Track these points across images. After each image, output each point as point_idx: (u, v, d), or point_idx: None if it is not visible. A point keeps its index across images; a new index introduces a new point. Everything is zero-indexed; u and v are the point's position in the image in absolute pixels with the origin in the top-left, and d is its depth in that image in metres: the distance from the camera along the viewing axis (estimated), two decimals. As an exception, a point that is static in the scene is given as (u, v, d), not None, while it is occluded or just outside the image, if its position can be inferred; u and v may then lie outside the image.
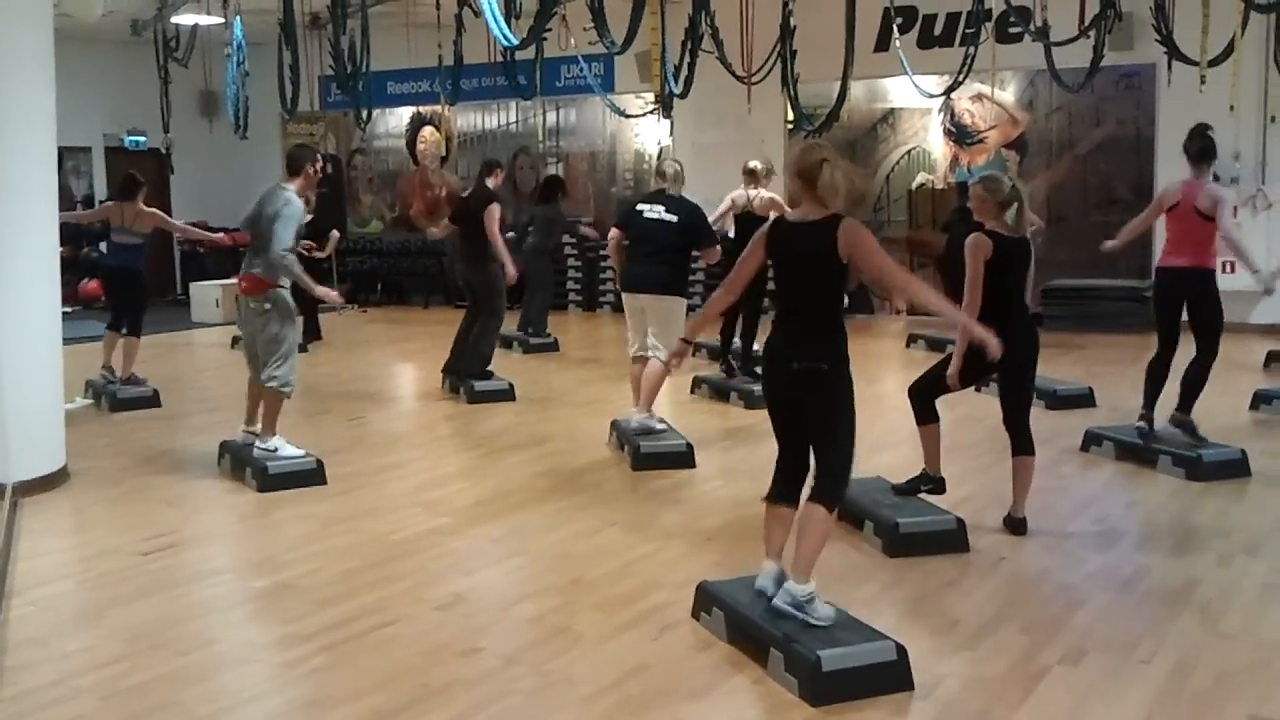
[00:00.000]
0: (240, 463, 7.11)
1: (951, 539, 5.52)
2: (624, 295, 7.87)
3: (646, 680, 4.20)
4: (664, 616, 4.77)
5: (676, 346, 5.07)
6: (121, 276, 9.88)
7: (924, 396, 6.07)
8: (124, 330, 9.77)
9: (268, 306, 6.97)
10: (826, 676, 3.96)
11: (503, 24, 6.35)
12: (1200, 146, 7.06)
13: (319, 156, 7.44)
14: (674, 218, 7.68)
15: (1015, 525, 5.87)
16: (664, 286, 7.60)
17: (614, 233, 7.99)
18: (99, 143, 17.51)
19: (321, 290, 7.65)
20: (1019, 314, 5.82)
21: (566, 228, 13.72)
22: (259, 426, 7.20)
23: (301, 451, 7.13)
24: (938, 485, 6.08)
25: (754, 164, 9.58)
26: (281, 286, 7.02)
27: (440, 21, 10.15)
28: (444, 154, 16.81)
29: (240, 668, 4.48)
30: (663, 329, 7.49)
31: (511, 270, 9.76)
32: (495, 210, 9.61)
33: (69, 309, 12.03)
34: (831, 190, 4.31)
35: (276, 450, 7.06)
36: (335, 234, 11.24)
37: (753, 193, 9.46)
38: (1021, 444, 5.89)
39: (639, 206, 7.87)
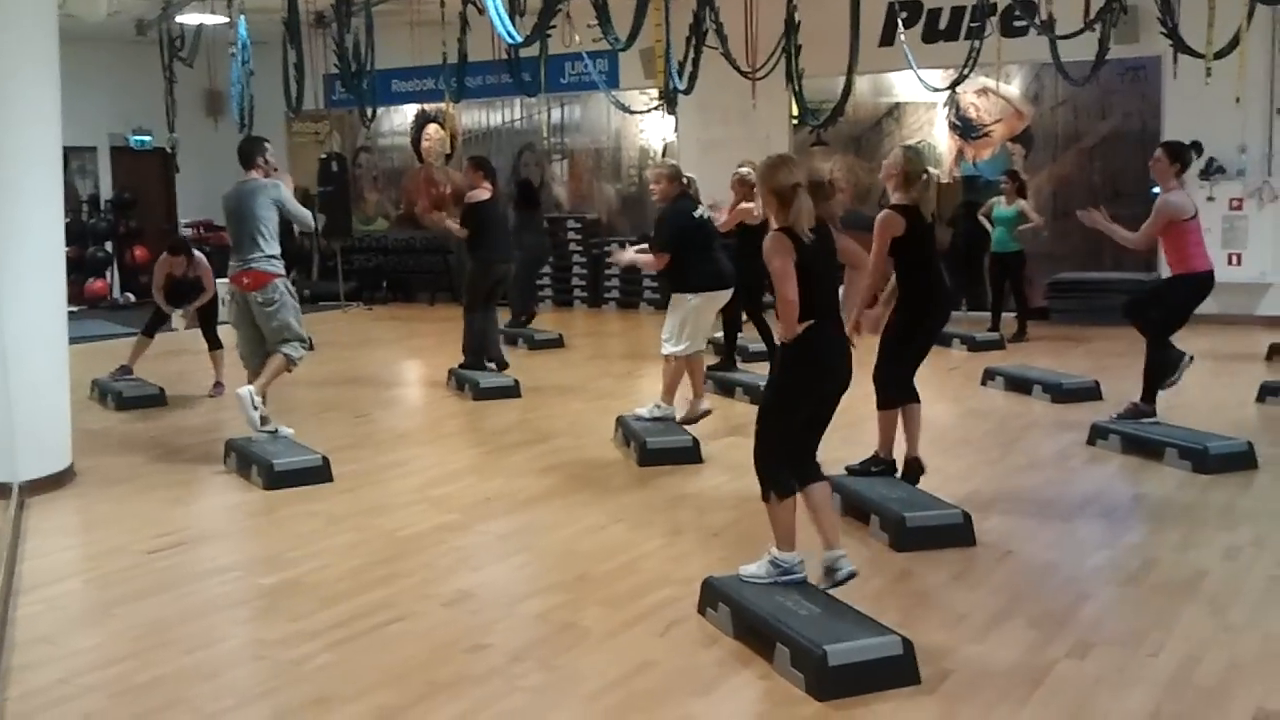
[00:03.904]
0: (246, 460, 7.12)
1: (958, 533, 5.51)
2: (701, 295, 7.62)
3: (653, 676, 4.20)
4: (670, 612, 4.77)
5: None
6: None
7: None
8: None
9: (275, 298, 7.22)
10: (833, 671, 3.95)
11: (507, 21, 6.35)
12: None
13: (267, 146, 7.71)
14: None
15: (913, 466, 6.14)
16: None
17: (664, 258, 7.66)
18: (104, 142, 17.52)
19: None
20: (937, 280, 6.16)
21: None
22: (267, 412, 7.43)
23: (290, 430, 7.43)
24: (888, 468, 6.26)
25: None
26: (282, 276, 7.34)
27: (444, 19, 10.17)
28: (449, 151, 16.82)
29: (248, 665, 4.49)
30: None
31: None
32: None
33: (75, 308, 12.09)
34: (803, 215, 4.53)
35: (266, 420, 7.30)
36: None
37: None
38: (905, 394, 6.14)
39: (687, 213, 7.64)
